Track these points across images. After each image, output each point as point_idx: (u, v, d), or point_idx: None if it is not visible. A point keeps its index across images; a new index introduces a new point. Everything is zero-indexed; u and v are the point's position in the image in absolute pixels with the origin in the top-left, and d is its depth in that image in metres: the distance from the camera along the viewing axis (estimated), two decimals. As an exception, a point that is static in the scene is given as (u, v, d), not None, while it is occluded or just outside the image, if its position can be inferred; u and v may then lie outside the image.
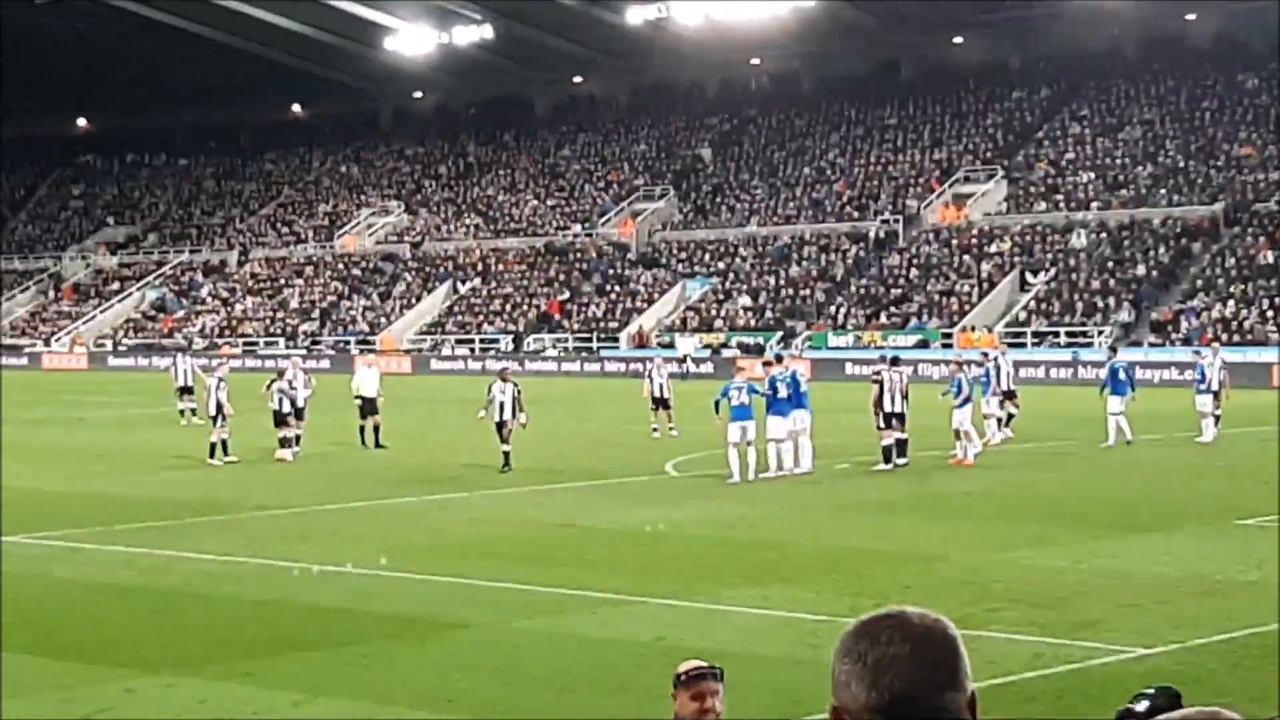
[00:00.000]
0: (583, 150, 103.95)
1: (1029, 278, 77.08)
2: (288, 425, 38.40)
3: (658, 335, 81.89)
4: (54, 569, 23.29)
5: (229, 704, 15.64)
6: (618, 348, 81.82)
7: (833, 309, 79.69)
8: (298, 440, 38.67)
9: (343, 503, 30.29)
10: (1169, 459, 36.67)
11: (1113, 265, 75.82)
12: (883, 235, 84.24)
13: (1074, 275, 75.98)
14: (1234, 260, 73.26)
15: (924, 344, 72.91)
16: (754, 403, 32.79)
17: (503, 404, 35.38)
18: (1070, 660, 16.87)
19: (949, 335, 73.46)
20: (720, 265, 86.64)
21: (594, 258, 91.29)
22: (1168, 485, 32.05)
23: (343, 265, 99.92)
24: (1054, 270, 76.71)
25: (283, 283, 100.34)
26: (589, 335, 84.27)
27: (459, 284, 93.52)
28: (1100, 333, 70.72)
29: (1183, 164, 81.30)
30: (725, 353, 75.87)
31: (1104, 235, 77.75)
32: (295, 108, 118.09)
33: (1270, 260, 72.04)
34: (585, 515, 27.93)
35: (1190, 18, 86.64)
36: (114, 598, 21.13)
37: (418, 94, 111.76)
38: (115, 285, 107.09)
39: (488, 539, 25.47)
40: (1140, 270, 74.90)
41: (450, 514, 28.78)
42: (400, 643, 18.00)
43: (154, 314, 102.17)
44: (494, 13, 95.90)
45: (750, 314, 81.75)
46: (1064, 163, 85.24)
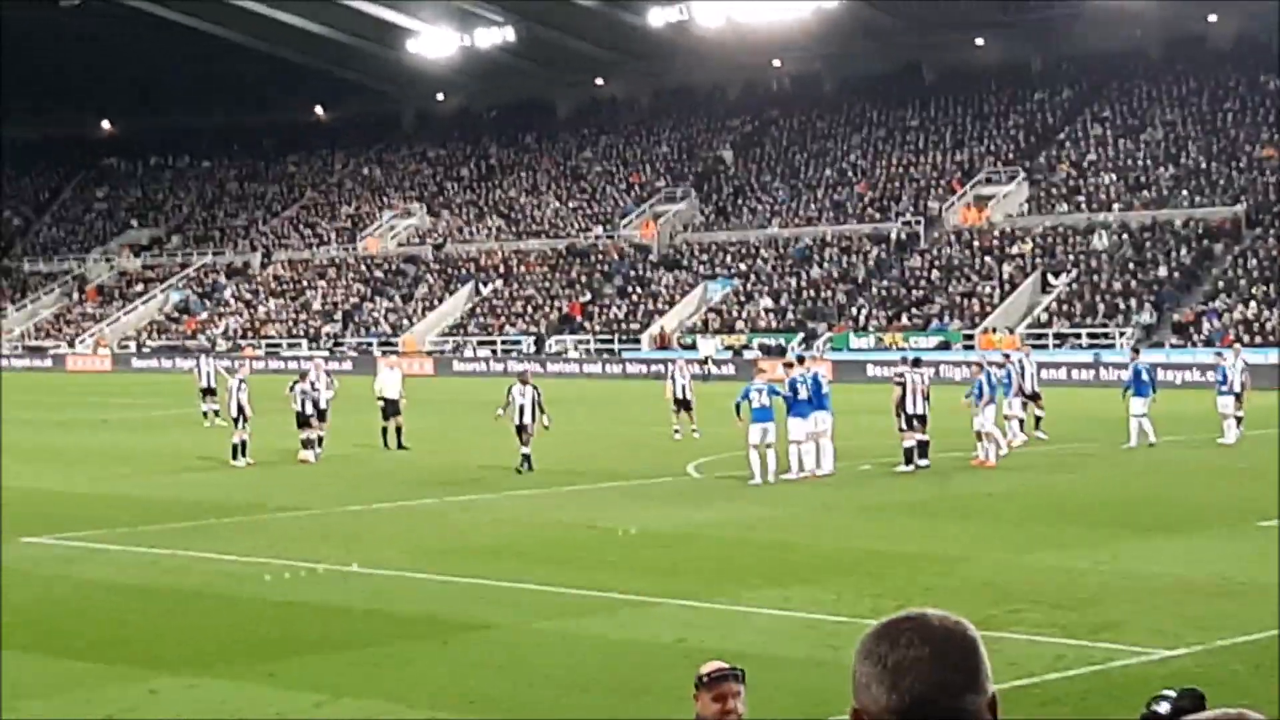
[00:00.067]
0: (604, 152, 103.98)
1: (1050, 279, 76.94)
2: (310, 427, 38.49)
3: (679, 337, 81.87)
4: (78, 570, 23.38)
5: (251, 704, 15.69)
6: (639, 349, 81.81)
7: (854, 310, 79.61)
8: (320, 441, 38.75)
9: (364, 504, 30.35)
10: (1191, 460, 36.58)
11: (1134, 266, 75.67)
12: (904, 237, 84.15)
13: (1096, 276, 75.84)
14: (1256, 261, 73.06)
15: (945, 345, 72.80)
16: (774, 404, 32.80)
17: (523, 406, 35.37)
18: (1092, 662, 16.85)
19: (970, 337, 73.35)
20: (742, 267, 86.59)
21: (616, 259, 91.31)
22: (1189, 487, 31.98)
23: (365, 267, 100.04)
24: (1075, 271, 76.57)
25: (305, 284, 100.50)
26: (610, 337, 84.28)
27: (481, 286, 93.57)
28: (1122, 334, 70.57)
29: (1204, 165, 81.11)
30: (747, 354, 75.81)
31: (1126, 236, 77.60)
32: (318, 110, 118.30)
33: (1293, 261, 71.91)
34: (606, 516, 27.95)
35: (1212, 19, 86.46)
36: (137, 598, 21.19)
37: (440, 96, 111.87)
38: (139, 287, 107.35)
39: (509, 540, 25.51)
40: (1162, 271, 74.75)
41: (472, 515, 28.82)
42: (422, 644, 18.05)
43: (177, 316, 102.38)
44: (516, 15, 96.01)
45: (772, 315, 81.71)
46: (1086, 164, 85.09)
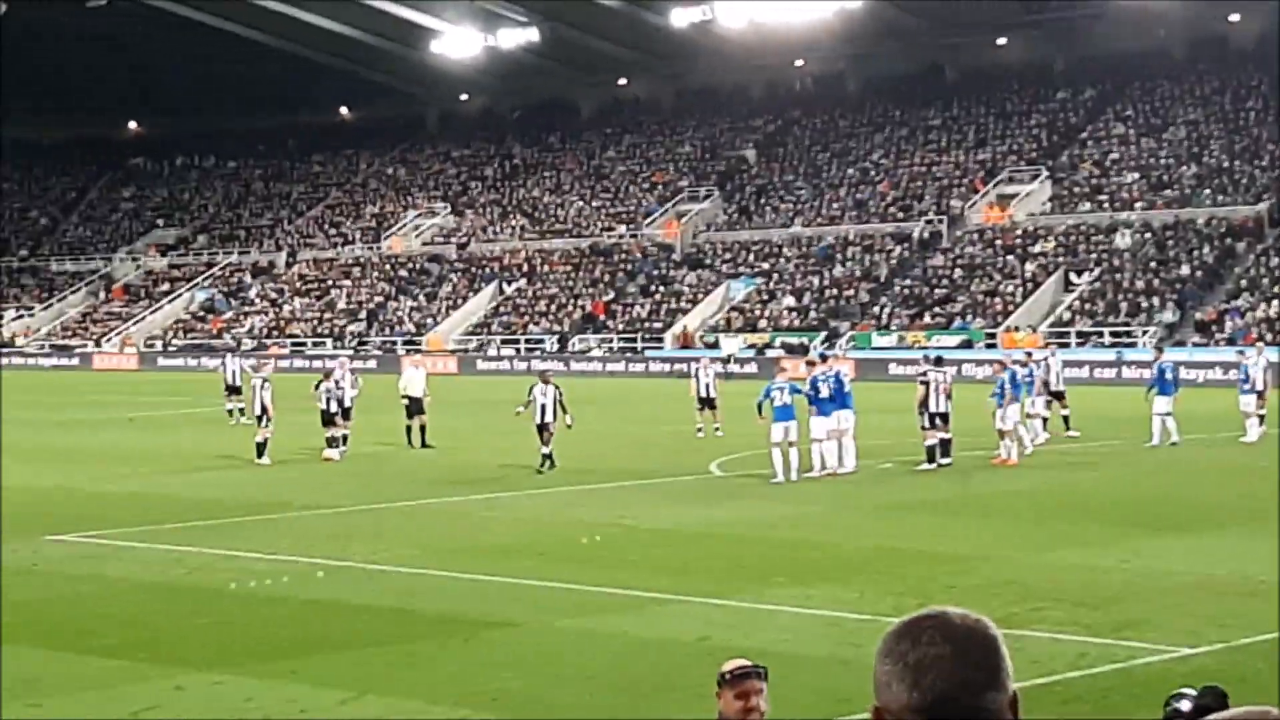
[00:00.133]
0: (628, 152, 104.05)
1: (1073, 278, 76.85)
2: (335, 425, 38.61)
3: (702, 335, 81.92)
4: (105, 568, 23.50)
5: (276, 701, 15.77)
6: (662, 348, 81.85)
7: (877, 309, 79.60)
8: (345, 440, 38.87)
9: (388, 502, 30.44)
10: (1213, 459, 36.52)
11: (1157, 265, 75.55)
12: (927, 236, 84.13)
13: (1118, 275, 75.75)
14: (1278, 260, 72.92)
15: (968, 344, 72.72)
16: (796, 403, 32.84)
17: (544, 406, 35.37)
18: (1115, 660, 16.88)
19: (993, 335, 73.29)
20: (764, 266, 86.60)
21: (639, 258, 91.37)
22: (1212, 485, 31.94)
23: (389, 266, 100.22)
24: (1098, 270, 76.49)
25: (330, 284, 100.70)
26: (634, 336, 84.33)
27: (505, 285, 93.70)
28: (1144, 333, 70.47)
29: (1227, 164, 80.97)
30: (769, 353, 75.84)
31: (1148, 235, 77.49)
32: (343, 110, 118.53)
33: (1317, 260, 71.77)
34: (630, 514, 28.02)
35: (1234, 18, 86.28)
36: (163, 596, 21.30)
37: (464, 96, 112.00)
38: (165, 286, 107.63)
39: (533, 538, 25.56)
40: (1184, 270, 74.63)
41: (495, 513, 28.90)
42: (445, 641, 18.12)
43: (203, 315, 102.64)
44: (540, 15, 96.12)
45: (794, 314, 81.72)
46: (1108, 163, 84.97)
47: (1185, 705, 5.43)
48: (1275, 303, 69.66)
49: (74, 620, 19.74)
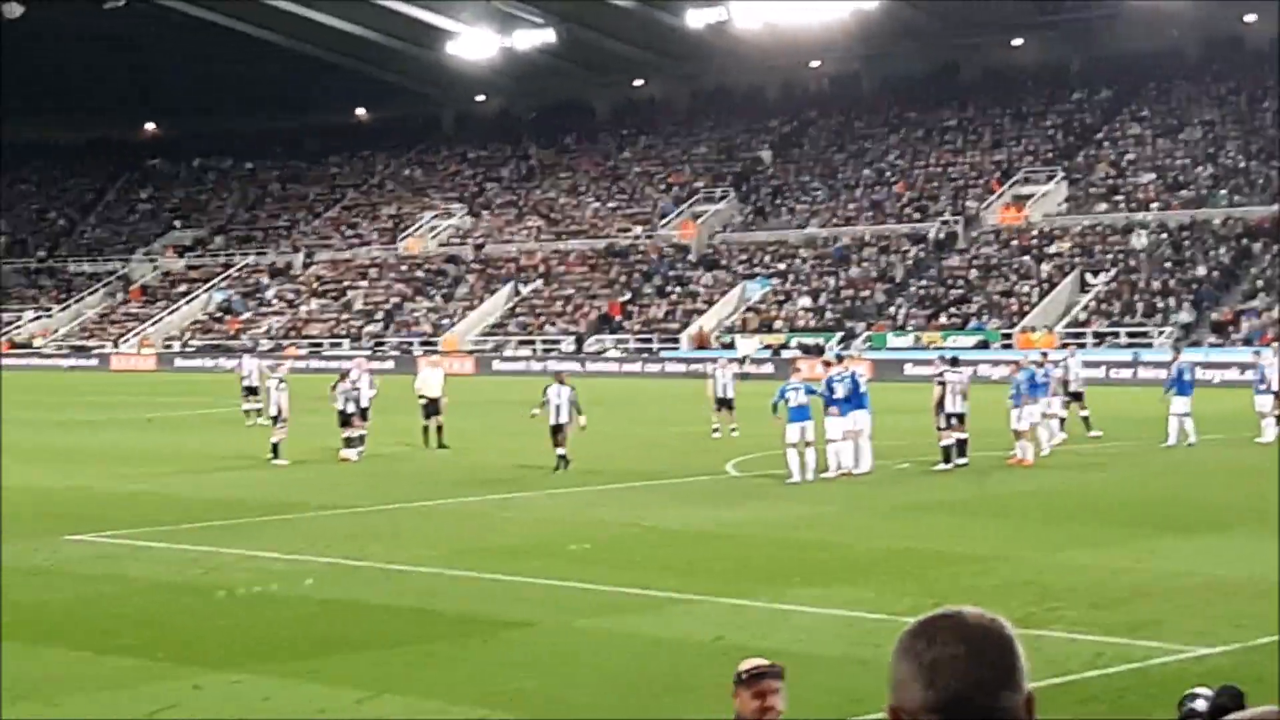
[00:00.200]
0: (643, 153, 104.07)
1: (1089, 278, 76.80)
2: (352, 426, 38.68)
3: (718, 336, 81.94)
4: (123, 568, 23.58)
5: (294, 701, 15.83)
6: (678, 349, 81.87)
7: (892, 310, 79.59)
8: (362, 440, 38.93)
9: (405, 502, 30.50)
10: (1229, 459, 36.47)
11: (1173, 266, 75.48)
12: (942, 236, 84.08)
13: (1134, 276, 75.68)
14: (1295, 260, 72.89)
15: (984, 345, 72.67)
16: (812, 403, 32.86)
17: (558, 407, 35.36)
18: (1131, 659, 16.90)
19: (1009, 336, 73.27)
20: (780, 266, 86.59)
21: (655, 259, 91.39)
22: (1227, 485, 31.89)
23: (406, 267, 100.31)
24: (1114, 271, 76.42)
25: (347, 285, 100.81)
26: (650, 336, 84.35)
27: (521, 286, 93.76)
28: (1160, 333, 70.41)
29: (1243, 164, 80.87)
30: (785, 353, 75.82)
31: (1164, 236, 77.42)
32: (359, 112, 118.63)
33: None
34: (646, 515, 28.05)
35: (1250, 19, 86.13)
36: (181, 596, 21.37)
37: (480, 97, 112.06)
38: (182, 287, 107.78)
39: (549, 539, 25.59)
40: (1201, 270, 74.54)
41: (512, 514, 28.94)
42: (462, 641, 18.17)
43: (220, 316, 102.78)
44: (555, 17, 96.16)
45: (810, 315, 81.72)
46: (1124, 163, 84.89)
47: (1200, 705, 5.47)
48: (1292, 303, 69.63)
49: (92, 620, 19.82)
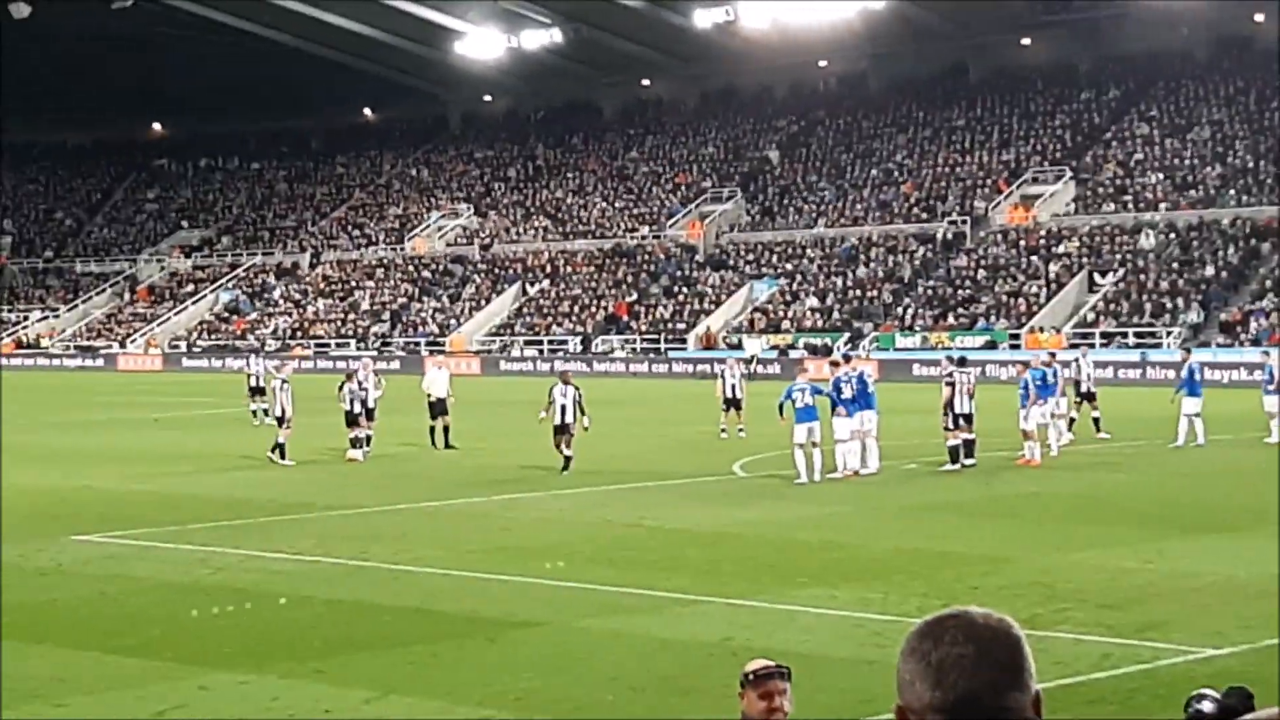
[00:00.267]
0: (651, 153, 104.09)
1: (1097, 278, 76.77)
2: (358, 426, 38.68)
3: (725, 337, 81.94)
4: (130, 568, 23.57)
5: (301, 701, 15.81)
6: (685, 349, 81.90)
7: (900, 310, 79.57)
8: (368, 441, 38.93)
9: (412, 502, 30.48)
10: (1237, 460, 36.41)
11: (1181, 266, 75.43)
12: (950, 236, 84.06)
13: (1142, 276, 75.63)
14: (1304, 261, 72.82)
15: (991, 345, 72.71)
16: (818, 403, 32.82)
17: (564, 407, 35.31)
18: (1139, 660, 16.86)
19: (1016, 336, 73.25)
20: (788, 266, 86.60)
21: (662, 259, 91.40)
22: (1236, 486, 31.84)
23: (413, 267, 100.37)
24: (1122, 271, 76.38)
25: (354, 285, 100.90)
26: (657, 337, 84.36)
27: (528, 286, 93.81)
28: (1169, 333, 70.36)
29: (1252, 164, 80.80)
30: (792, 354, 75.82)
31: (1173, 236, 77.36)
32: (366, 112, 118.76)
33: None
34: (653, 515, 28.02)
35: (1259, 19, 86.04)
36: (187, 596, 21.35)
37: (487, 97, 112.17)
38: (189, 287, 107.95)
39: (556, 539, 25.58)
40: (1209, 271, 74.48)
41: (518, 514, 28.90)
42: (469, 642, 18.15)
43: (227, 316, 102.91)
44: (562, 17, 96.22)
45: (818, 315, 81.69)
46: (1132, 163, 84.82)
47: (1207, 706, 5.43)
48: (1300, 303, 69.55)
49: (98, 620, 19.81)
